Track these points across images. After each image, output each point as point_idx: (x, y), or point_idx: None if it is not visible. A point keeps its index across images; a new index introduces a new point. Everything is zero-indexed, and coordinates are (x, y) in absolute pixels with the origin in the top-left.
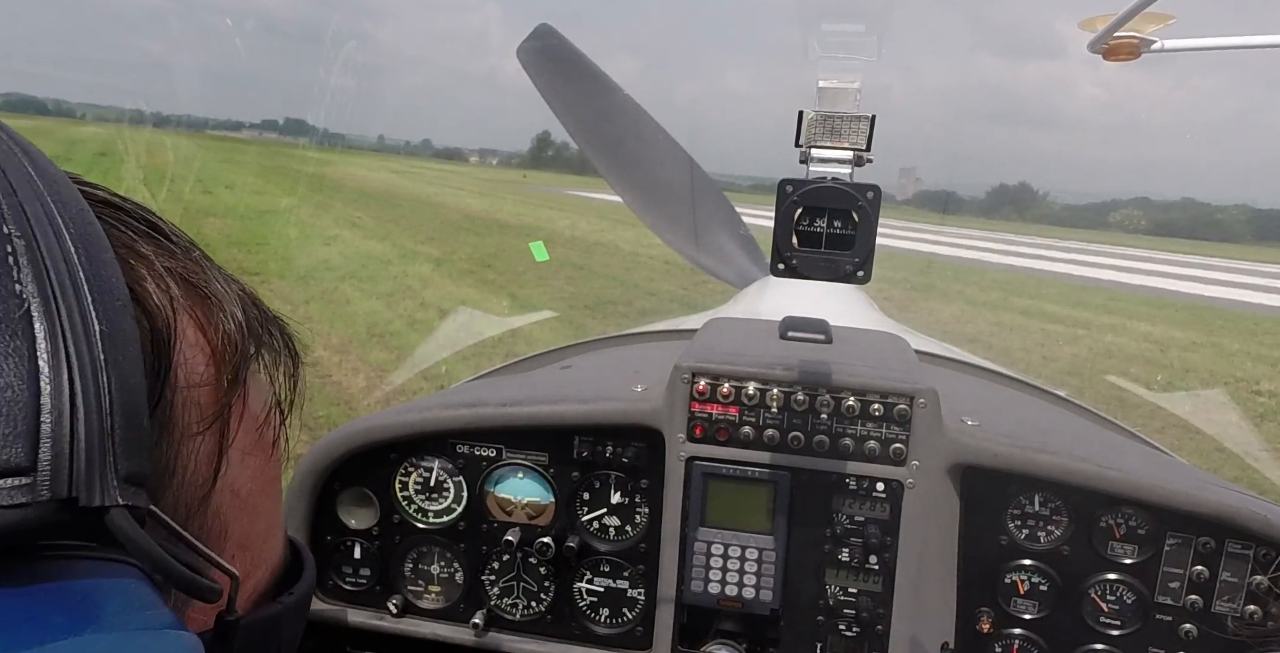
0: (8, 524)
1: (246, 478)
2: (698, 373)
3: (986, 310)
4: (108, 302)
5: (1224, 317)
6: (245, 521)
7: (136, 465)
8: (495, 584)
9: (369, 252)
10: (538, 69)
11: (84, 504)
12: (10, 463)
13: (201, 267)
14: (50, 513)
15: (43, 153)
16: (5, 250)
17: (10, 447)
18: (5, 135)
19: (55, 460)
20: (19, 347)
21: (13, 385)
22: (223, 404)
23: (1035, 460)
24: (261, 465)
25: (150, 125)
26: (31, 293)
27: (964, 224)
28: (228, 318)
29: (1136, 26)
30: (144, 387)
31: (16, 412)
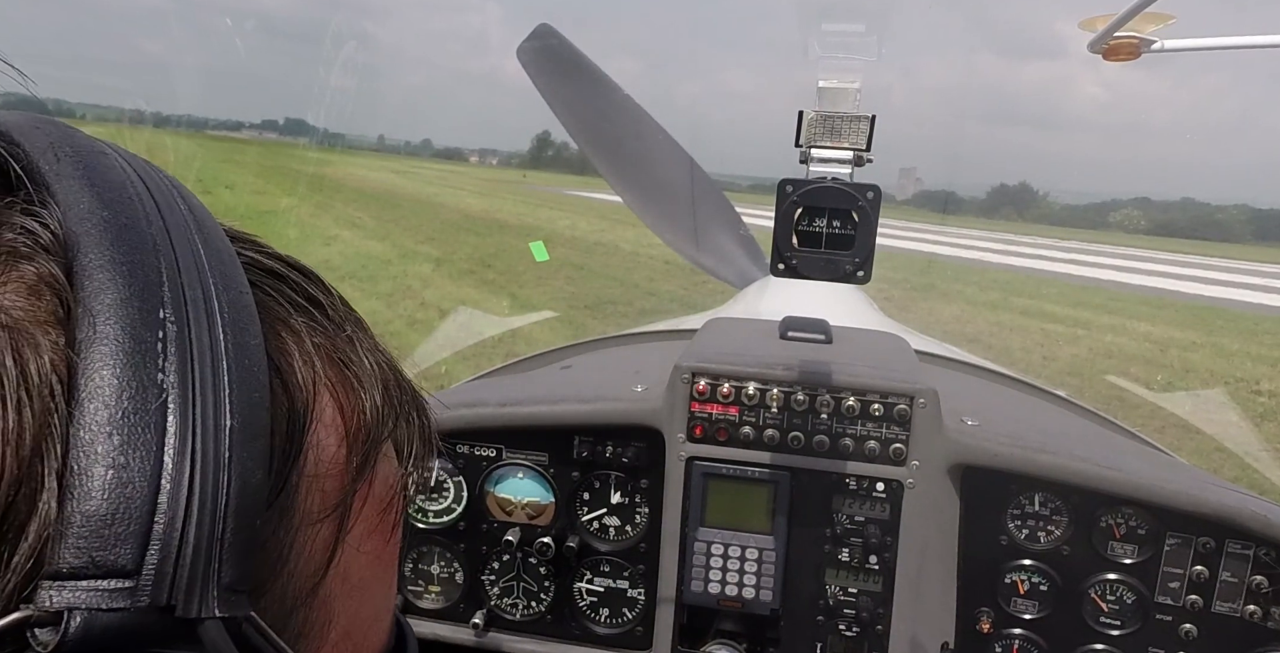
0: (103, 628)
1: (361, 564)
2: (698, 373)
3: (986, 310)
4: (245, 394)
5: (1224, 317)
6: (353, 607)
7: (242, 572)
8: (495, 584)
9: (369, 252)
10: (538, 69)
11: (180, 615)
12: (116, 564)
13: (353, 342)
14: (146, 619)
15: (210, 215)
16: (156, 336)
17: (120, 546)
18: (179, 196)
19: (160, 565)
20: (149, 440)
21: (134, 481)
22: (348, 490)
23: (1035, 460)
24: (379, 550)
25: (150, 125)
26: (172, 383)
27: (964, 224)
28: (367, 398)
29: (1136, 26)
30: (265, 486)
31: (133, 510)
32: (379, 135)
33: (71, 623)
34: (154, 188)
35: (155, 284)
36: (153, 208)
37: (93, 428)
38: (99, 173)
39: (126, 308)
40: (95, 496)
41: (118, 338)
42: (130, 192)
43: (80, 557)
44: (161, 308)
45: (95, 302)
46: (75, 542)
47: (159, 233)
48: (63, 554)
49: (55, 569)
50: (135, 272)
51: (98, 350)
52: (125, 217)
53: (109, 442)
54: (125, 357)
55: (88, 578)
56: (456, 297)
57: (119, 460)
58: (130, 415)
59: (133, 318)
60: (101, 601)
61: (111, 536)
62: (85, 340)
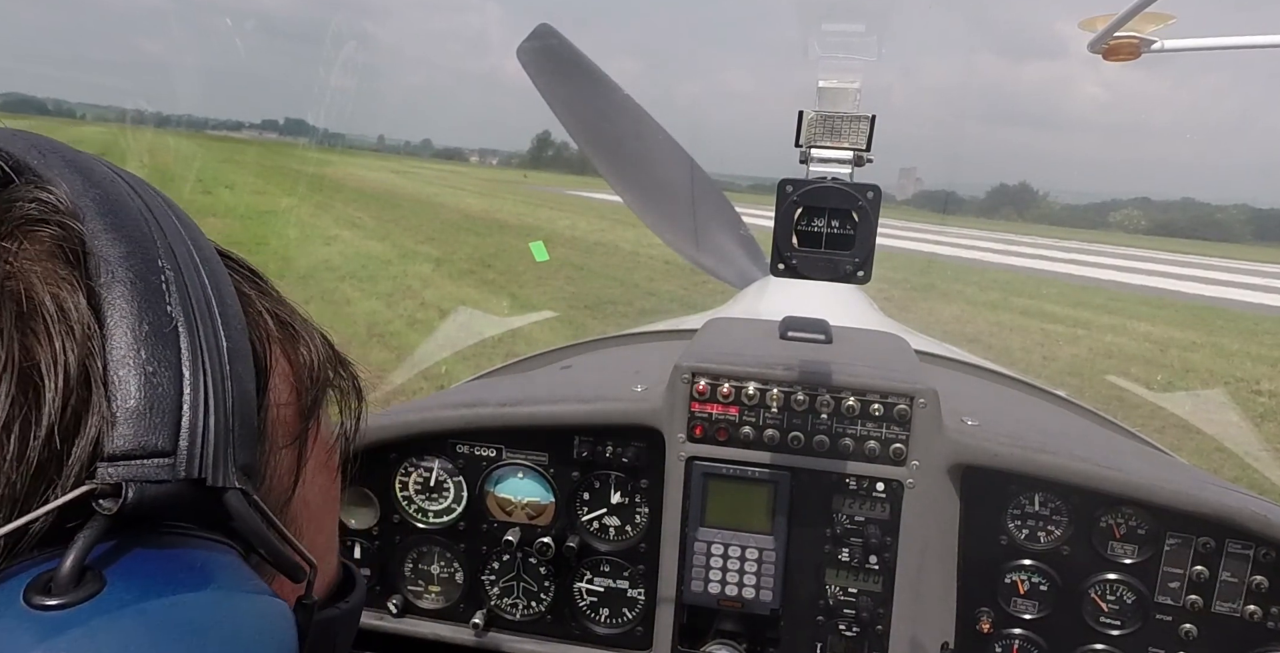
0: (154, 496)
1: (315, 493)
2: (698, 373)
3: (986, 310)
4: (232, 325)
5: (1224, 317)
6: (311, 531)
7: (248, 458)
8: (495, 584)
9: (369, 252)
10: (538, 69)
11: (210, 484)
12: (157, 446)
13: (291, 309)
14: (184, 489)
15: (177, 205)
16: (160, 279)
17: (157, 432)
18: (154, 192)
19: (190, 447)
20: (168, 354)
21: (163, 384)
22: (303, 425)
23: (1035, 460)
24: (327, 485)
25: (151, 125)
26: (178, 313)
27: (964, 224)
28: (310, 353)
29: (1136, 26)
30: (254, 395)
31: (165, 406)
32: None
33: (128, 492)
34: (127, 178)
35: (150, 241)
36: (130, 190)
37: (123, 347)
38: (82, 163)
39: (133, 258)
40: (134, 395)
41: (131, 280)
42: (111, 177)
43: (129, 442)
44: (159, 258)
45: (107, 254)
46: (123, 430)
47: (141, 208)
48: (115, 441)
49: (110, 452)
50: (133, 232)
51: (118, 290)
52: (113, 194)
53: (138, 356)
54: (140, 294)
55: (137, 458)
56: (456, 297)
57: (148, 369)
58: (151, 336)
59: (139, 266)
60: (149, 473)
61: (151, 425)
62: (106, 284)
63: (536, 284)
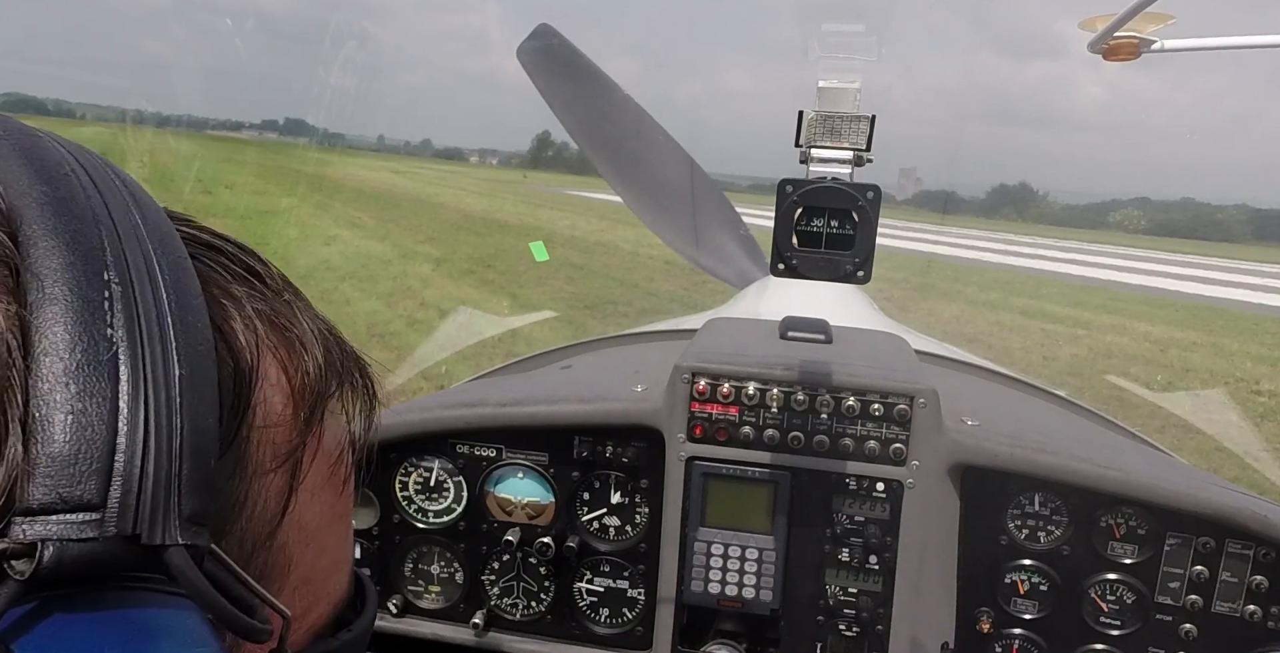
0: (75, 557)
1: (315, 513)
2: (698, 373)
3: (986, 310)
4: (191, 346)
5: (1224, 317)
6: (310, 555)
7: (200, 505)
8: (495, 584)
9: (369, 252)
10: (538, 69)
11: (145, 542)
12: (82, 499)
13: (292, 308)
14: (115, 548)
15: (145, 191)
16: (103, 296)
17: (84, 482)
18: (114, 176)
19: (124, 498)
20: (103, 388)
21: (93, 424)
22: (296, 443)
23: (1035, 460)
24: (331, 502)
25: (151, 126)
26: (120, 337)
27: (964, 224)
28: (309, 359)
29: (1136, 26)
30: (216, 429)
31: (94, 449)
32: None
33: (45, 553)
34: (89, 167)
35: (97, 249)
36: (89, 184)
37: (49, 379)
38: (34, 153)
39: (72, 271)
40: (58, 438)
41: (66, 298)
42: (66, 169)
43: (49, 494)
44: (105, 271)
45: (41, 266)
46: (43, 480)
47: (98, 206)
48: (32, 492)
49: (26, 506)
50: (77, 239)
51: (49, 310)
52: (63, 191)
53: (66, 390)
54: (75, 314)
55: (57, 512)
56: (456, 297)
57: (77, 406)
58: (84, 366)
59: (78, 280)
60: (71, 531)
61: (76, 473)
62: (36, 302)
63: (536, 284)
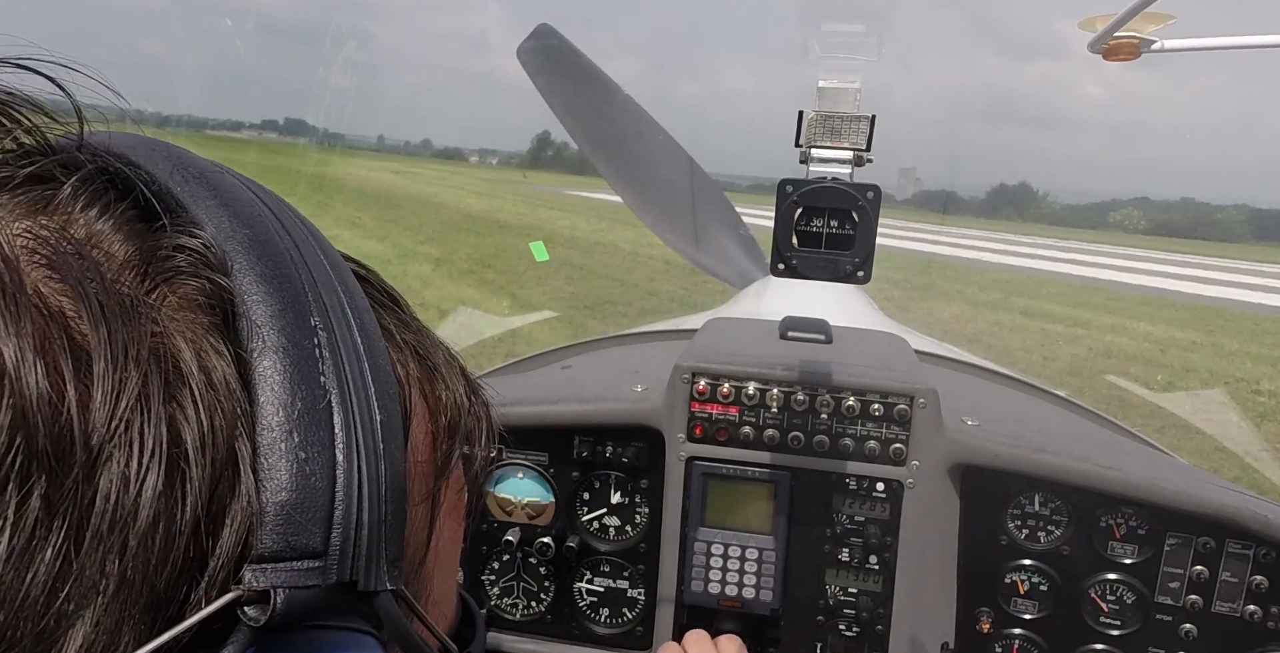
0: (299, 603)
1: (445, 540)
2: (698, 373)
3: (986, 310)
4: (385, 390)
5: (1224, 317)
6: (440, 579)
7: (398, 549)
8: (495, 584)
9: (369, 251)
10: (538, 69)
11: (361, 589)
12: (308, 547)
13: (429, 338)
14: (334, 595)
15: (321, 233)
16: (313, 343)
17: (309, 531)
18: (292, 213)
19: (343, 546)
20: (322, 437)
21: (316, 473)
22: (440, 476)
23: (1035, 460)
24: (455, 528)
25: (151, 126)
26: (332, 385)
27: (964, 224)
28: (450, 392)
29: (1136, 26)
30: (405, 474)
31: (317, 498)
32: (379, 135)
33: (277, 600)
34: (271, 204)
35: (302, 294)
36: (278, 224)
37: (274, 428)
38: (228, 192)
39: (284, 318)
40: (285, 487)
41: (284, 346)
42: (259, 209)
43: (279, 542)
44: (311, 316)
45: (257, 313)
46: (273, 529)
47: (290, 247)
48: (263, 540)
49: (259, 553)
50: (285, 284)
51: (269, 359)
52: (263, 234)
53: (290, 440)
54: (293, 363)
55: (286, 560)
56: (456, 297)
57: (300, 456)
58: (304, 415)
59: (291, 327)
60: (299, 579)
61: (302, 522)
62: (256, 350)
63: (536, 284)
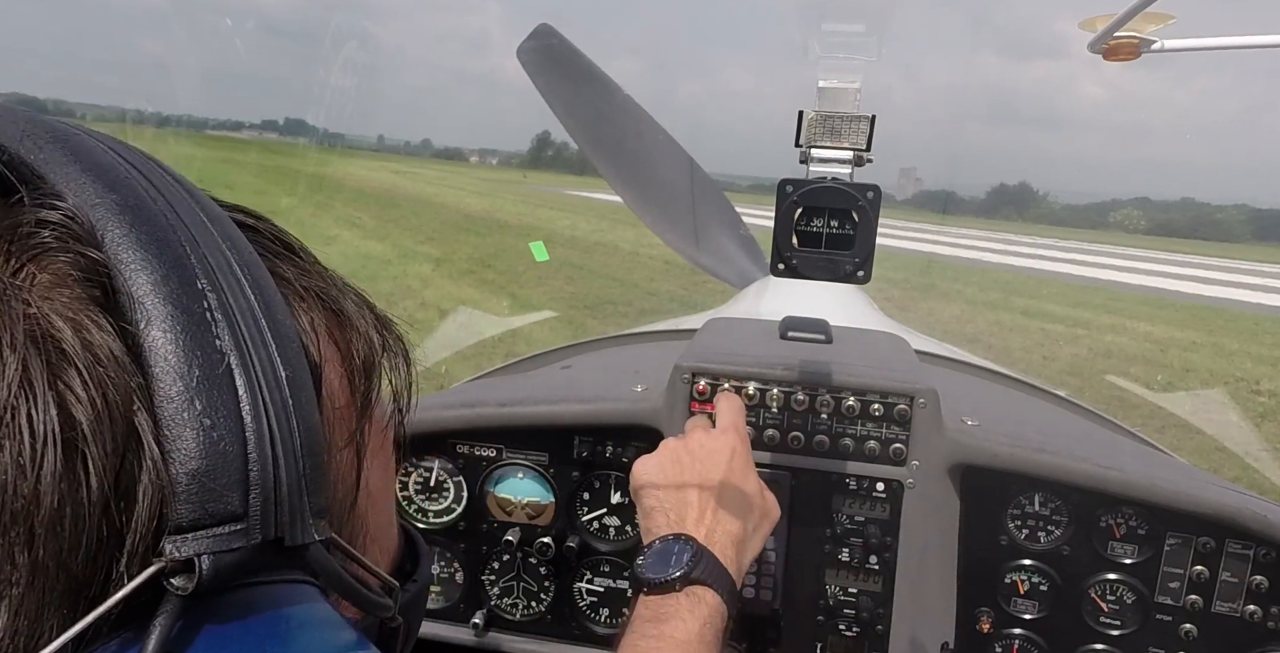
0: (227, 566)
1: (375, 477)
2: (698, 373)
3: (986, 310)
4: (287, 345)
5: (1224, 317)
6: (375, 515)
7: (322, 500)
8: (495, 584)
9: (369, 252)
10: (538, 69)
11: (288, 544)
12: (227, 510)
13: (332, 282)
14: (261, 553)
15: (196, 186)
16: (202, 306)
17: (226, 496)
18: (167, 173)
19: (264, 506)
20: (226, 400)
21: (224, 439)
22: (360, 418)
23: (1035, 460)
24: (385, 463)
25: (151, 125)
26: (229, 347)
27: (964, 224)
28: (360, 336)
29: (1136, 26)
30: (319, 424)
31: (229, 463)
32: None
33: (202, 567)
34: (139, 165)
35: (184, 257)
36: (147, 183)
37: (174, 398)
38: (88, 155)
39: (168, 285)
40: (194, 456)
41: (171, 314)
42: (124, 171)
43: (196, 510)
44: (197, 279)
45: (137, 283)
46: (187, 498)
47: (165, 208)
48: (179, 510)
49: (177, 524)
50: (164, 249)
51: (157, 328)
52: (131, 197)
53: (192, 407)
54: (184, 330)
55: (206, 527)
56: (456, 297)
57: (205, 422)
58: (203, 381)
59: (176, 293)
60: (222, 544)
61: (217, 488)
62: (141, 320)
63: (536, 284)
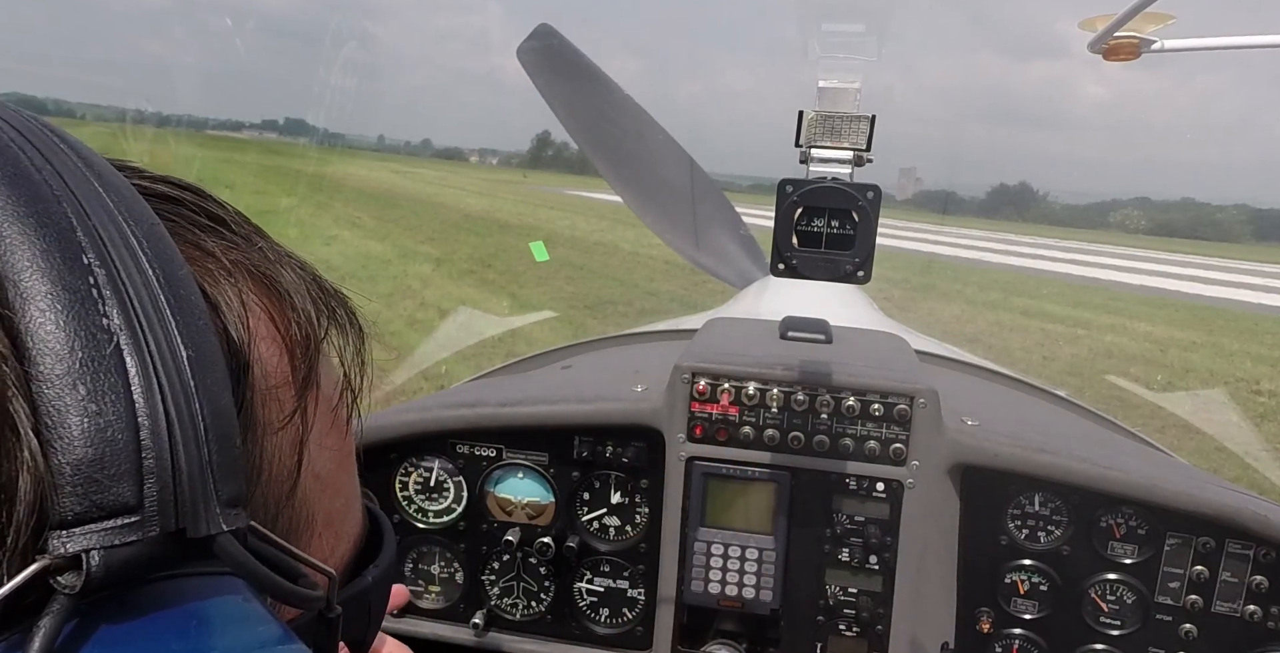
0: (122, 562)
1: (325, 459)
2: (698, 373)
3: (986, 310)
4: (191, 323)
5: (1224, 317)
6: (327, 500)
7: (234, 488)
8: (495, 584)
9: (369, 252)
10: (538, 69)
11: (191, 535)
12: (118, 502)
13: (265, 254)
14: (160, 546)
15: (97, 154)
16: (88, 283)
17: (116, 486)
18: (61, 141)
19: (160, 495)
20: (114, 383)
21: (112, 425)
22: (300, 397)
23: (1035, 460)
24: (337, 444)
25: (151, 125)
26: (119, 326)
27: (964, 224)
28: (298, 310)
29: (1136, 26)
30: (233, 407)
31: (118, 451)
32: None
33: (91, 563)
34: (25, 131)
35: (68, 230)
36: (34, 153)
37: (54, 383)
38: None
39: (48, 259)
40: (78, 444)
41: (50, 292)
42: (4, 140)
43: (82, 503)
44: (83, 254)
45: (12, 259)
46: (72, 490)
47: (51, 177)
48: (63, 503)
49: (61, 518)
50: (43, 221)
51: (34, 307)
52: (11, 167)
53: (75, 392)
54: (64, 308)
55: (94, 520)
56: (456, 297)
57: (91, 408)
58: (88, 364)
59: (57, 268)
60: (114, 538)
61: (105, 478)
62: (15, 300)
63: (536, 284)
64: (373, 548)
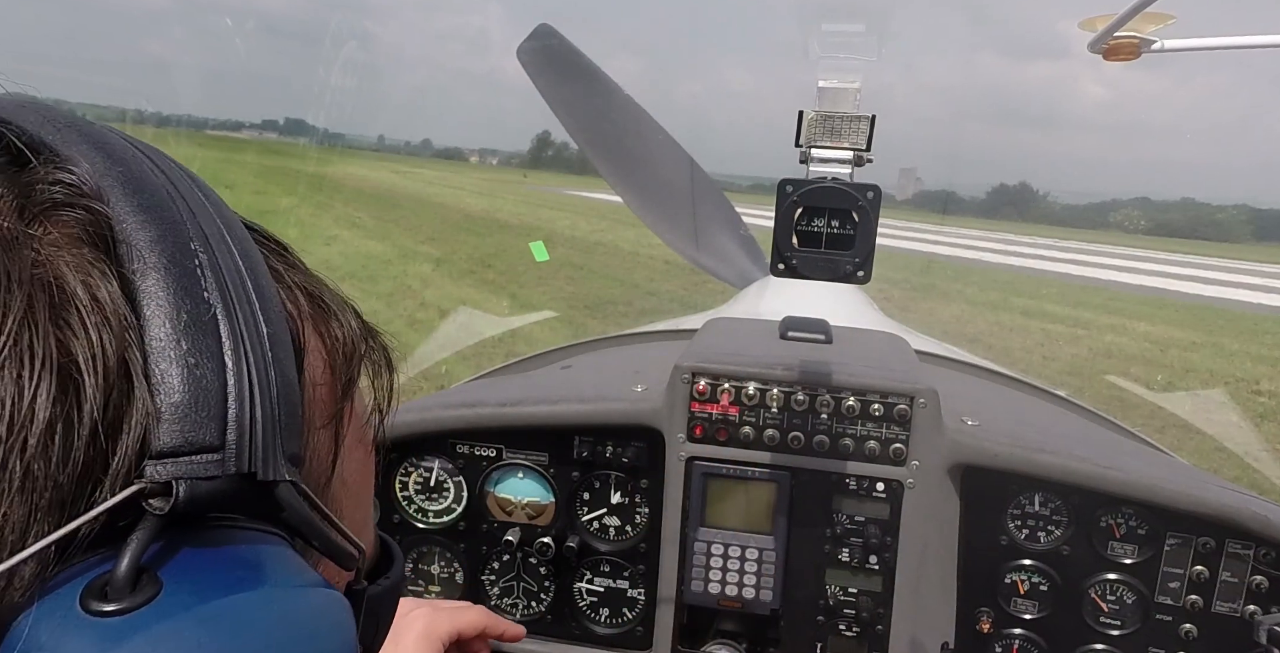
0: (203, 493)
1: (352, 470)
2: (698, 373)
3: (986, 310)
4: (269, 307)
5: (1224, 317)
6: (350, 508)
7: (295, 448)
8: (495, 584)
9: (369, 252)
10: (538, 69)
11: (260, 478)
12: (205, 441)
13: (319, 281)
14: (234, 485)
15: (200, 177)
16: (194, 263)
17: (205, 427)
18: (175, 165)
19: (239, 441)
20: (210, 344)
21: (206, 376)
22: (340, 403)
23: (1035, 460)
24: (363, 460)
25: (151, 125)
26: (215, 300)
27: (964, 224)
28: (342, 328)
29: (1136, 26)
30: (297, 381)
31: (210, 398)
32: (379, 135)
33: (179, 490)
34: (146, 150)
35: (180, 222)
36: (153, 167)
37: (163, 339)
38: (99, 137)
39: (164, 242)
40: (178, 389)
41: (166, 267)
42: (130, 152)
43: (176, 438)
44: (190, 241)
45: (137, 239)
46: (170, 427)
47: (165, 184)
48: (161, 438)
49: (158, 450)
50: (162, 213)
51: (151, 277)
52: (136, 171)
53: (179, 347)
54: (175, 281)
55: (185, 454)
56: (456, 297)
57: (190, 361)
58: (191, 326)
59: (172, 250)
60: (199, 470)
61: (197, 419)
62: (139, 271)
63: (536, 284)
64: (382, 568)
